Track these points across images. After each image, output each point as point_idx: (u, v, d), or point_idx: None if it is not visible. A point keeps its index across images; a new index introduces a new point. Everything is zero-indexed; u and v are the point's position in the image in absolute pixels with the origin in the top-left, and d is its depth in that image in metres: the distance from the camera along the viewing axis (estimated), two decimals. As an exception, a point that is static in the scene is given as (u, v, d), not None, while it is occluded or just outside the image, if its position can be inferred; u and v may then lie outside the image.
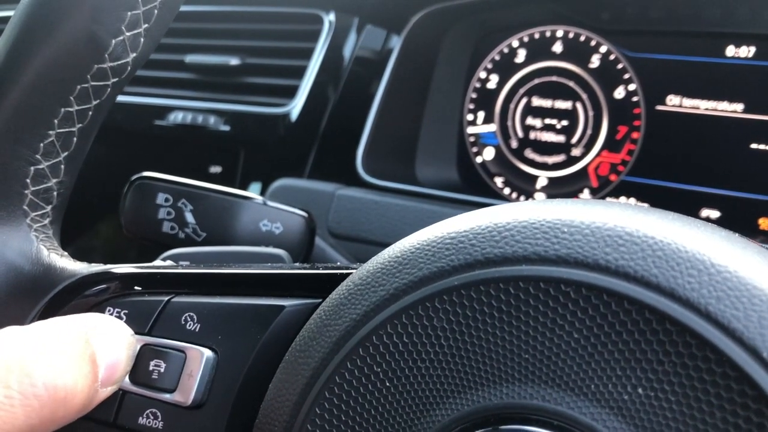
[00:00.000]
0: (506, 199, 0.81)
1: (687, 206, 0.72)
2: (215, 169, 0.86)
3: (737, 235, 0.29)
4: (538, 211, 0.29)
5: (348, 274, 0.34)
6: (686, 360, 0.24)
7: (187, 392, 0.34)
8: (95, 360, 0.32)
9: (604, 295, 0.25)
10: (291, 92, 0.81)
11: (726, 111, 0.70)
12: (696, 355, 0.24)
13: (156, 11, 0.39)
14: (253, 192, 0.81)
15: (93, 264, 0.41)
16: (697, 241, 0.26)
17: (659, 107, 0.73)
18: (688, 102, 0.72)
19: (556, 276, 0.26)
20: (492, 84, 0.81)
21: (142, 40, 0.39)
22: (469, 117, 0.83)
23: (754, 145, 0.69)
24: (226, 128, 0.83)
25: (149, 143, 0.90)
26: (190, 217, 0.51)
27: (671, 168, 0.73)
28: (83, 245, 0.96)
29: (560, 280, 0.26)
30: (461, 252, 0.28)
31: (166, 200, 0.52)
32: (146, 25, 0.39)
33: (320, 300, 0.35)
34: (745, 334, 0.24)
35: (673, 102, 0.73)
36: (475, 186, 0.83)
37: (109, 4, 0.37)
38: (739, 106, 0.70)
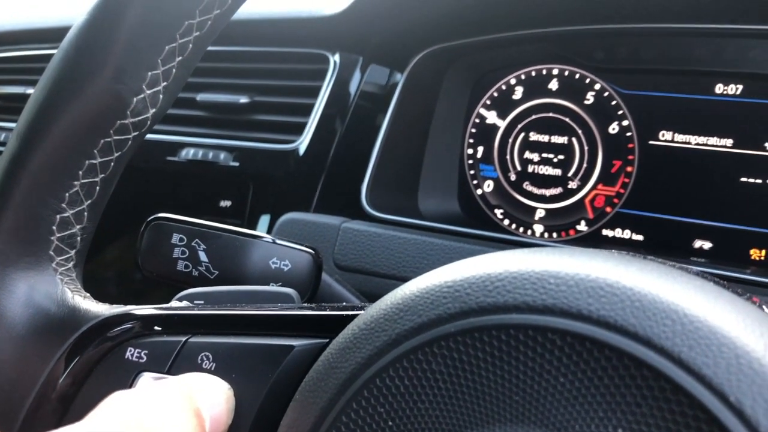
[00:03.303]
0: (506, 230, 0.83)
1: (680, 237, 0.74)
2: (225, 203, 0.88)
3: (712, 284, 0.31)
4: (527, 262, 0.31)
5: (353, 316, 0.36)
6: (661, 403, 0.26)
7: (205, 429, 0.37)
8: (200, 414, 0.34)
9: (586, 342, 0.28)
10: (298, 129, 0.84)
11: (716, 146, 0.73)
12: (670, 399, 0.26)
13: (174, 70, 0.42)
14: (261, 225, 0.84)
15: (114, 305, 0.43)
16: (672, 292, 0.29)
17: (652, 142, 0.76)
18: (679, 137, 0.75)
19: (543, 324, 0.29)
20: (491, 120, 0.84)
21: (161, 96, 0.42)
22: (469, 151, 0.86)
23: (743, 179, 0.72)
24: (236, 164, 0.86)
25: (162, 178, 0.93)
26: (203, 256, 0.54)
27: (664, 200, 0.76)
28: (94, 275, 0.99)
29: (547, 329, 0.29)
30: (457, 300, 0.31)
31: (181, 240, 0.54)
32: (165, 83, 0.42)
33: (327, 340, 0.37)
34: (714, 380, 0.26)
35: (666, 137, 0.75)
36: (475, 218, 0.85)
37: (132, 65, 0.40)
38: (729, 141, 0.72)
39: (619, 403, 0.27)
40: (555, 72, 0.81)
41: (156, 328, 0.40)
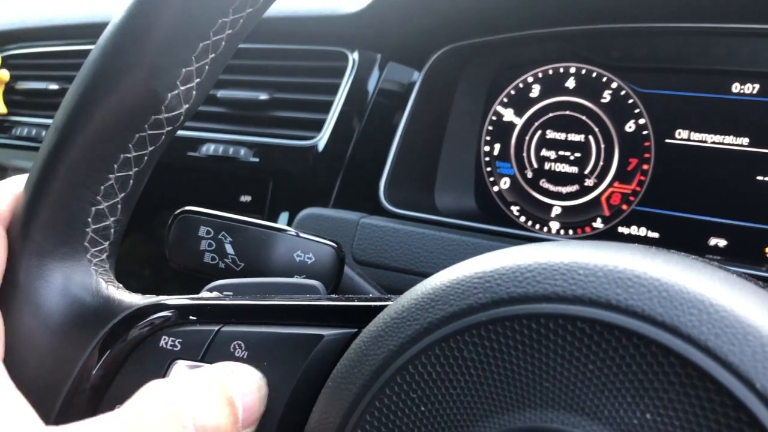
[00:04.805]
0: (522, 227, 0.84)
1: (695, 235, 0.75)
2: (245, 199, 0.90)
3: (735, 275, 0.32)
4: (556, 254, 0.32)
5: (382, 307, 0.37)
6: (688, 389, 0.27)
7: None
8: (234, 403, 0.35)
9: (615, 331, 0.29)
10: (318, 126, 0.85)
11: (732, 144, 0.73)
12: (697, 385, 0.27)
13: (207, 67, 0.43)
14: (281, 220, 0.85)
15: (146, 296, 0.44)
16: (698, 283, 0.29)
17: (668, 140, 0.77)
18: (695, 135, 0.75)
19: (573, 314, 0.30)
20: (508, 117, 0.85)
21: (194, 92, 0.43)
22: (486, 148, 0.87)
23: (759, 177, 0.72)
24: (256, 160, 0.87)
25: (183, 173, 0.94)
26: (229, 249, 0.55)
27: (680, 198, 0.76)
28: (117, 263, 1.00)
29: (576, 318, 0.29)
30: (488, 291, 0.32)
31: (208, 233, 0.55)
32: (198, 80, 0.43)
33: (356, 330, 0.38)
34: (740, 367, 0.27)
35: (682, 135, 0.76)
36: (492, 214, 0.86)
37: (167, 62, 0.41)
38: (745, 140, 0.73)
39: (647, 390, 0.28)
40: (572, 70, 0.81)
41: (191, 317, 0.42)
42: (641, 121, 0.78)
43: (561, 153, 0.82)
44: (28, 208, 0.42)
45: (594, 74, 0.80)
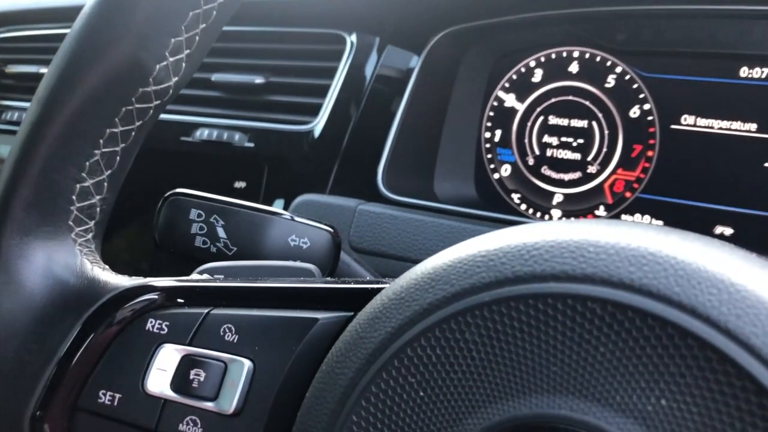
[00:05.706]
0: (523, 215, 0.82)
1: (701, 223, 0.73)
2: (240, 185, 0.88)
3: (755, 255, 0.30)
4: (565, 232, 0.30)
5: (379, 289, 0.36)
6: (707, 374, 0.26)
7: (230, 401, 0.36)
8: None
9: (628, 311, 0.27)
10: (314, 110, 0.83)
11: (739, 130, 0.72)
12: (716, 369, 0.25)
13: (197, 38, 0.41)
14: (276, 207, 0.83)
15: (133, 277, 0.43)
16: (717, 261, 0.28)
17: (674, 126, 0.75)
18: (702, 121, 0.74)
19: (583, 293, 0.28)
20: (509, 103, 0.83)
21: (183, 64, 0.41)
22: (487, 135, 0.85)
23: (767, 164, 0.71)
24: (251, 145, 0.85)
25: (176, 158, 0.92)
26: (221, 232, 0.53)
27: (685, 185, 0.75)
28: (110, 254, 0.99)
29: (586, 297, 0.28)
30: (492, 269, 0.30)
31: (199, 216, 0.54)
32: (188, 51, 0.41)
33: (352, 313, 0.37)
34: (763, 350, 0.25)
35: (688, 121, 0.74)
36: (492, 202, 0.84)
37: (155, 32, 0.39)
38: (753, 126, 0.71)
39: (662, 374, 0.26)
40: (575, 54, 0.79)
41: (179, 300, 0.40)
42: (646, 107, 0.76)
43: (563, 139, 0.80)
44: (10, 184, 0.40)
45: (598, 58, 0.78)
